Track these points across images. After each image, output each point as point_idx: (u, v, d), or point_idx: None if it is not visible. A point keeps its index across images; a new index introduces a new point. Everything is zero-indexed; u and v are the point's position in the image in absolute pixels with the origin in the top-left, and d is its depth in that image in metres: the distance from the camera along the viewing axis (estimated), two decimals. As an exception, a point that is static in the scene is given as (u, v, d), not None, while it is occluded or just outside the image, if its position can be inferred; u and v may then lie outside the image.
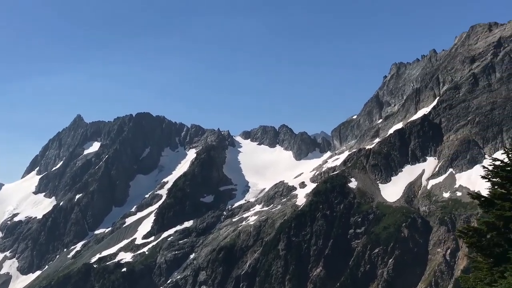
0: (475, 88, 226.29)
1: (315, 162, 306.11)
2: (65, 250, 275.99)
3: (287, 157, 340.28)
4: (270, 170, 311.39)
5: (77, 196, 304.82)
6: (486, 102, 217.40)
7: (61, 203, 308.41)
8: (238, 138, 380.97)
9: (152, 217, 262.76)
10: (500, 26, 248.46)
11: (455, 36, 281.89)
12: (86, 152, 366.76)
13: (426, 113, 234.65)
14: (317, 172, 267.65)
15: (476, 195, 27.51)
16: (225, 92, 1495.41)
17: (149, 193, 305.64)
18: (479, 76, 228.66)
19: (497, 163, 27.42)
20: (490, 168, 27.47)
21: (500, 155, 29.96)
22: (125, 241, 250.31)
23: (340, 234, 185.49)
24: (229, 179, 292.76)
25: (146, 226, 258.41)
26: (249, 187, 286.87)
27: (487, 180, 27.50)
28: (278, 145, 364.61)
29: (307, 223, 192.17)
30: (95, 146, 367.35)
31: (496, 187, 26.98)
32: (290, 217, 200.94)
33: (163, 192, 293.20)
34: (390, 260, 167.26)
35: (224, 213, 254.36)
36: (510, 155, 27.03)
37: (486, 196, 27.40)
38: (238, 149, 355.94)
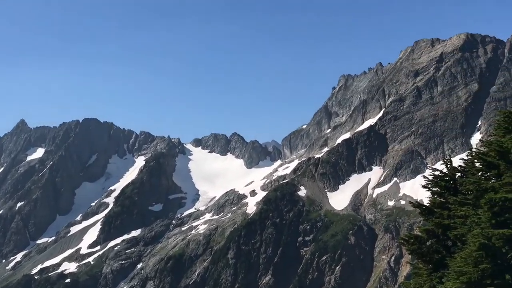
0: (418, 101, 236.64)
1: (266, 170, 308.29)
2: (3, 261, 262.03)
3: (238, 165, 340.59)
4: (220, 178, 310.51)
5: (19, 204, 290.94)
6: (428, 114, 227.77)
7: (0, 212, 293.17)
8: (189, 146, 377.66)
9: (98, 226, 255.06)
10: (442, 42, 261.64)
11: (400, 50, 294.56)
12: (29, 158, 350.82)
13: (372, 124, 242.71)
14: (268, 181, 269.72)
15: (417, 204, 28.72)
16: (176, 99, 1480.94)
17: (96, 201, 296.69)
18: (422, 89, 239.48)
19: (437, 173, 28.77)
20: (430, 178, 28.77)
21: (439, 165, 31.52)
22: (70, 251, 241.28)
23: (289, 242, 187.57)
24: (178, 187, 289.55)
25: (91, 235, 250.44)
26: (199, 195, 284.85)
27: (427, 189, 28.77)
28: (229, 153, 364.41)
29: (257, 231, 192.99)
30: (39, 152, 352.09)
31: (435, 196, 28.25)
32: (240, 226, 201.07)
33: (110, 200, 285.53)
34: (337, 267, 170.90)
35: (173, 221, 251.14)
36: (448, 166, 28.44)
37: (426, 205, 28.65)
38: (189, 156, 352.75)
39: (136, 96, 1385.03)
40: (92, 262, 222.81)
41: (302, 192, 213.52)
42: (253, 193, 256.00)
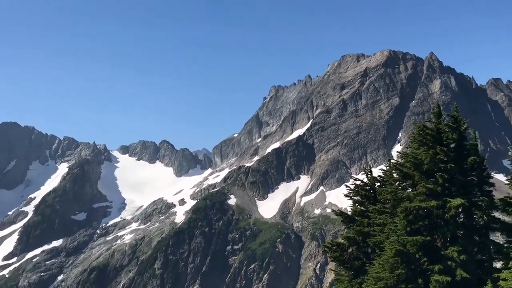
0: (344, 113, 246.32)
1: (196, 179, 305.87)
2: None
3: (167, 174, 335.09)
4: (148, 187, 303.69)
5: None
6: (353, 126, 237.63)
7: None
8: (116, 153, 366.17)
9: (15, 236, 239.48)
10: (366, 58, 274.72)
11: (328, 64, 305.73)
12: None
13: (301, 134, 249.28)
14: (198, 189, 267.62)
15: (340, 212, 29.72)
16: (102, 104, 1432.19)
17: (13, 210, 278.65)
18: (348, 102, 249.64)
19: (358, 182, 30.01)
20: (352, 187, 29.94)
21: (361, 175, 32.91)
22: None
23: (217, 251, 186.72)
24: (104, 195, 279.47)
25: (8, 246, 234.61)
26: (125, 204, 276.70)
27: (349, 198, 29.89)
28: (158, 161, 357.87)
29: (185, 240, 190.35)
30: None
31: (356, 204, 29.40)
32: (168, 235, 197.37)
33: (30, 208, 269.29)
34: (265, 276, 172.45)
35: (98, 231, 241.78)
36: (368, 176, 29.75)
37: (348, 213, 29.73)
38: (115, 164, 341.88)
39: (60, 99, 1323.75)
40: (7, 275, 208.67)
41: (232, 200, 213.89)
42: (182, 201, 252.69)
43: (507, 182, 22.67)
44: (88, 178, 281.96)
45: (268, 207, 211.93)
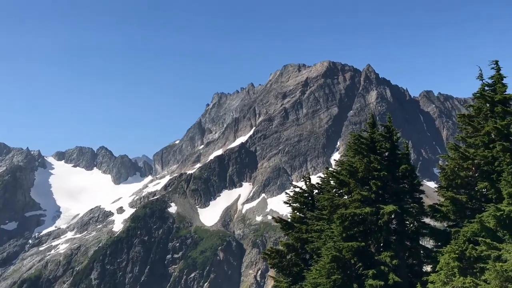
0: (285, 121, 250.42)
1: (135, 186, 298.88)
2: None
3: (105, 181, 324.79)
4: (85, 194, 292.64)
5: None
6: (294, 134, 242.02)
7: None
8: (51, 159, 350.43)
9: None
10: (307, 68, 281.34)
11: (270, 73, 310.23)
12: None
13: (243, 141, 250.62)
14: (137, 197, 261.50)
15: (279, 219, 30.03)
16: (36, 108, 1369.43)
17: None
18: (289, 111, 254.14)
19: (297, 190, 30.52)
20: (291, 194, 30.39)
21: (300, 183, 33.49)
22: None
23: (157, 260, 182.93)
24: (37, 203, 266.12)
25: None
26: (60, 212, 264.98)
27: (288, 205, 30.30)
28: (95, 167, 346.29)
29: (124, 250, 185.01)
30: None
31: (295, 211, 29.86)
32: (105, 244, 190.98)
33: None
34: (206, 284, 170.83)
35: (30, 241, 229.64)
36: (307, 183, 30.33)
37: (287, 219, 30.11)
38: (50, 171, 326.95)
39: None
40: None
41: (173, 208, 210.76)
42: (120, 210, 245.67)
43: (436, 190, 23.92)
44: (20, 185, 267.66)
45: (209, 215, 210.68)
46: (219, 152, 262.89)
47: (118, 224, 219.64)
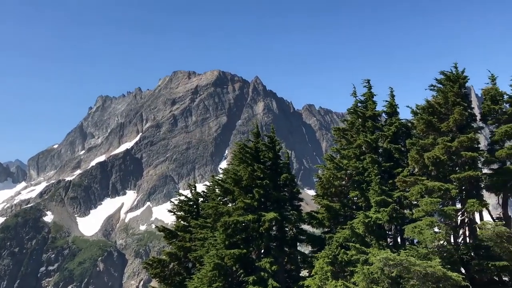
0: (174, 128, 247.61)
1: (6, 193, 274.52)
2: None
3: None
4: None
5: None
6: (183, 141, 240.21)
7: None
8: None
9: None
10: (197, 76, 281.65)
11: (159, 78, 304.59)
12: None
13: (128, 147, 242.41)
14: (8, 205, 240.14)
15: (163, 228, 29.48)
16: None
17: None
18: (178, 118, 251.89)
19: (182, 198, 30.27)
20: (176, 202, 30.06)
21: (186, 191, 33.31)
22: None
23: (29, 273, 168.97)
24: None
25: None
26: None
27: (172, 213, 29.92)
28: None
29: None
30: None
31: (179, 220, 29.57)
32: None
33: None
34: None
35: None
36: (193, 191, 30.24)
37: (171, 228, 29.68)
38: None
39: None
40: None
41: (49, 217, 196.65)
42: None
43: (313, 198, 25.35)
44: None
45: (89, 224, 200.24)
46: (101, 158, 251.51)
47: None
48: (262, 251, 23.83)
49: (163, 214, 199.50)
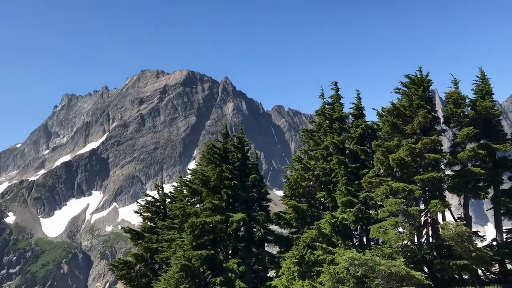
0: (141, 128, 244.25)
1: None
2: None
3: None
4: None
5: None
6: (150, 141, 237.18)
7: None
8: None
9: None
10: (166, 75, 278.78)
11: (126, 77, 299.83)
12: None
13: (95, 147, 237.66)
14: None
15: (129, 229, 29.07)
16: None
17: None
18: (146, 117, 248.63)
19: (149, 199, 29.95)
20: (143, 203, 29.72)
21: (153, 191, 32.96)
22: None
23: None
24: None
25: None
26: None
27: (139, 215, 29.56)
28: None
29: None
30: None
31: (146, 221, 29.26)
32: None
33: None
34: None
35: None
36: (160, 192, 29.95)
37: (137, 229, 29.32)
38: None
39: None
40: None
41: (11, 218, 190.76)
42: None
43: (281, 198, 25.52)
44: None
45: (54, 225, 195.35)
46: (67, 158, 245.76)
47: None
48: (230, 252, 23.83)
49: (130, 215, 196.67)
